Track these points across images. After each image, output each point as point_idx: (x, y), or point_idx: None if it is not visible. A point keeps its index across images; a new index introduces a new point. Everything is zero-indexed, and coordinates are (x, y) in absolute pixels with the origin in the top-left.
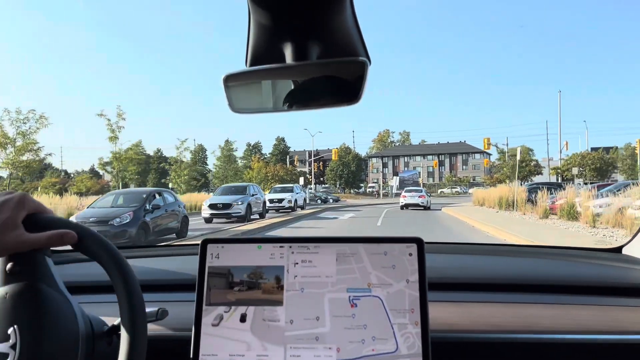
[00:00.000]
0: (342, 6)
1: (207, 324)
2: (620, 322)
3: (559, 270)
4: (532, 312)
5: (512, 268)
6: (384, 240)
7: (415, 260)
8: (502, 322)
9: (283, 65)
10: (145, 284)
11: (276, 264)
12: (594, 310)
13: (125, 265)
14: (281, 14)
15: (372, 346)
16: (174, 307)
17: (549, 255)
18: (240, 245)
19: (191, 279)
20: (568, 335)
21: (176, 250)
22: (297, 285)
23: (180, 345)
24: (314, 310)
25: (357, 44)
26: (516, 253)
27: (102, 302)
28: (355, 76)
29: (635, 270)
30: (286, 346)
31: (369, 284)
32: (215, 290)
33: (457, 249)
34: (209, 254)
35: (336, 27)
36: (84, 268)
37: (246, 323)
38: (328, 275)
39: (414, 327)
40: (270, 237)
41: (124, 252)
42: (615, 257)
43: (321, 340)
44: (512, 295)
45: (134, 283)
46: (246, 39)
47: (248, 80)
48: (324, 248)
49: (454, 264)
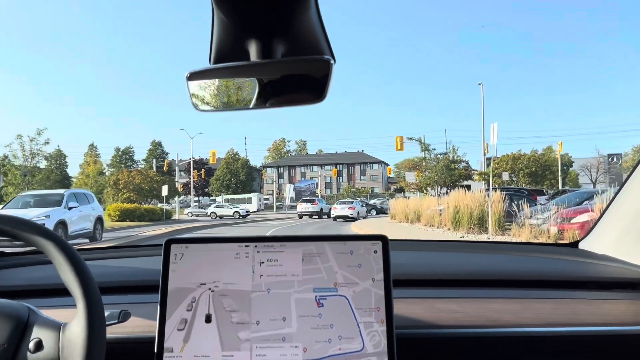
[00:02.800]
0: (307, 5)
1: (171, 324)
2: (578, 315)
3: (520, 266)
4: (495, 306)
5: (475, 264)
6: (349, 238)
7: (380, 258)
8: (466, 317)
9: (247, 63)
10: (106, 286)
11: (242, 264)
12: (554, 304)
13: (79, 261)
14: (245, 11)
15: (338, 345)
16: (137, 308)
17: (510, 250)
18: (205, 245)
19: (155, 280)
20: (530, 329)
21: (139, 251)
22: (264, 285)
23: (143, 347)
24: (280, 310)
25: (322, 42)
26: (479, 249)
27: (60, 306)
28: (320, 75)
29: (590, 264)
30: (252, 346)
31: (335, 283)
32: (180, 291)
33: (421, 245)
34: (172, 254)
35: (301, 25)
36: (40, 271)
37: (212, 324)
38: (294, 274)
39: (379, 325)
40: (235, 237)
41: (83, 254)
42: (572, 252)
43: (288, 340)
44: (475, 290)
45: (90, 281)
46: (210, 36)
47: (212, 77)
48: (289, 247)
49: (418, 261)
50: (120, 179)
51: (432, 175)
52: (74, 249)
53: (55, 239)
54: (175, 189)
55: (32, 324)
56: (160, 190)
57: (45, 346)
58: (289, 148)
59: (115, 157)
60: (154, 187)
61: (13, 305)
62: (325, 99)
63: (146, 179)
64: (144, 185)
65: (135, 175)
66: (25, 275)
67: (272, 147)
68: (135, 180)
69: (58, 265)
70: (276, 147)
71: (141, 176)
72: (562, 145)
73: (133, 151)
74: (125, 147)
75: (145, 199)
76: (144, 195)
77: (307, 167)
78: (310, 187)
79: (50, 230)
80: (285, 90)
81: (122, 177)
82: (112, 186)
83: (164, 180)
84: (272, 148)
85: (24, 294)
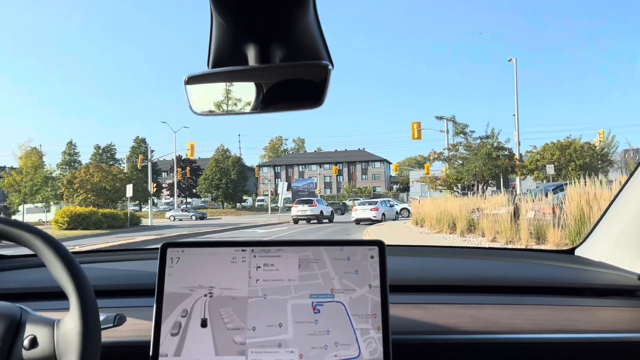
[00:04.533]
0: (305, 10)
1: (166, 329)
2: (573, 322)
3: (516, 272)
4: (490, 312)
5: (470, 270)
6: (346, 243)
7: (377, 263)
8: (461, 323)
9: (246, 68)
10: (102, 290)
11: (238, 268)
12: (549, 310)
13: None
14: (244, 16)
15: (334, 352)
16: (132, 312)
17: (506, 257)
18: (202, 249)
19: (151, 284)
20: (524, 335)
21: (135, 254)
22: (260, 291)
23: (139, 352)
24: (276, 316)
25: (320, 47)
26: (475, 255)
27: (55, 309)
28: (318, 80)
29: (586, 271)
30: (248, 351)
31: (332, 289)
32: (176, 295)
33: (417, 251)
34: (168, 258)
35: (299, 30)
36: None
37: (207, 328)
38: (290, 278)
39: (376, 332)
40: (232, 241)
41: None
42: (569, 259)
43: (284, 346)
44: (470, 296)
45: (85, 285)
46: (208, 40)
47: (210, 82)
48: (286, 252)
49: (414, 267)
50: (76, 177)
51: (471, 166)
52: (63, 245)
53: (43, 236)
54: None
55: (25, 322)
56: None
57: (40, 343)
58: (286, 146)
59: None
60: (117, 186)
61: (5, 305)
62: (323, 104)
63: (107, 177)
64: (105, 185)
65: (94, 171)
66: (19, 278)
67: (268, 145)
68: (94, 179)
69: (48, 262)
70: (273, 146)
71: (101, 173)
72: (603, 134)
73: (115, 149)
74: (106, 145)
75: (109, 201)
76: (107, 196)
77: (306, 166)
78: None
79: (38, 228)
80: (283, 95)
81: (78, 175)
82: (66, 186)
83: (129, 178)
84: (269, 147)
85: (18, 297)
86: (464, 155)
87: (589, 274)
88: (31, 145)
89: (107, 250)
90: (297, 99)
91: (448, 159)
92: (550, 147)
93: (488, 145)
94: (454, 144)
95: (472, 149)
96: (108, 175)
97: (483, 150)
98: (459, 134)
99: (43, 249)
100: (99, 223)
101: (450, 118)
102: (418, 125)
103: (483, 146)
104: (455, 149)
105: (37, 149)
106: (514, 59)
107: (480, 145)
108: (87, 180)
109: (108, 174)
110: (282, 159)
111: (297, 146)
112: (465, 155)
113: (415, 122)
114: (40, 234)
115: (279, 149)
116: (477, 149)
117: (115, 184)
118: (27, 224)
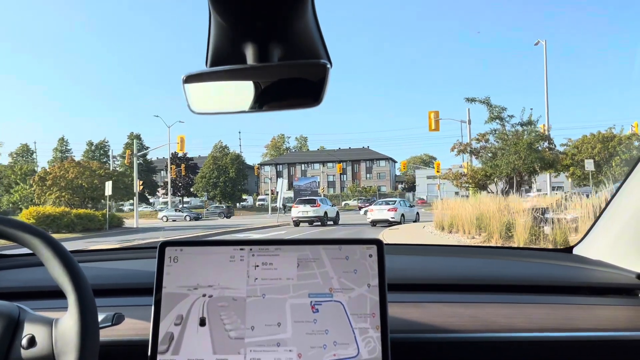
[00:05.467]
0: (303, 9)
1: (165, 328)
2: (571, 320)
3: (514, 271)
4: (489, 311)
5: (469, 269)
6: (344, 242)
7: (375, 262)
8: (460, 322)
9: (244, 67)
10: (100, 288)
11: (236, 267)
12: (547, 309)
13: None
14: (242, 14)
15: (333, 351)
16: (131, 311)
17: (505, 255)
18: (200, 248)
19: (149, 283)
20: (523, 334)
21: (134, 253)
22: (259, 290)
23: (137, 350)
24: (275, 316)
25: (319, 46)
26: (473, 254)
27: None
28: (316, 78)
29: (585, 270)
30: (246, 350)
31: (331, 288)
32: (174, 294)
33: (415, 250)
34: (167, 257)
35: (298, 29)
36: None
37: (205, 327)
38: (289, 277)
39: (375, 331)
40: (230, 240)
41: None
42: (567, 257)
43: (282, 345)
44: (469, 295)
45: (83, 284)
46: (207, 39)
47: (208, 80)
48: (284, 250)
49: (413, 265)
50: (50, 173)
51: (509, 159)
52: (62, 244)
53: (42, 235)
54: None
55: (23, 322)
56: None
57: (38, 342)
58: (288, 145)
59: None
60: (95, 183)
61: (3, 304)
62: (322, 102)
63: (85, 173)
64: (82, 182)
65: (70, 167)
66: (18, 277)
67: (270, 143)
68: (69, 175)
69: (46, 261)
70: (275, 144)
71: (78, 169)
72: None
73: (108, 145)
74: (99, 141)
75: (88, 200)
76: (85, 195)
77: (308, 165)
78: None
79: (36, 227)
80: (282, 94)
81: (52, 171)
82: (37, 183)
83: (110, 174)
84: (271, 145)
85: (16, 296)
86: (499, 146)
87: (587, 273)
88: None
89: (105, 249)
90: (296, 97)
91: (476, 151)
92: (590, 139)
93: (531, 133)
94: (483, 134)
95: (509, 138)
96: (86, 171)
97: (524, 140)
98: (494, 120)
99: (41, 248)
100: (72, 225)
101: (484, 100)
102: (435, 115)
103: (522, 135)
104: (485, 139)
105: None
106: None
107: (519, 133)
108: (62, 177)
109: (86, 170)
110: (284, 158)
111: (299, 144)
112: (502, 146)
113: (433, 112)
114: (38, 233)
115: (281, 147)
116: (516, 137)
117: (93, 181)
118: (25, 223)
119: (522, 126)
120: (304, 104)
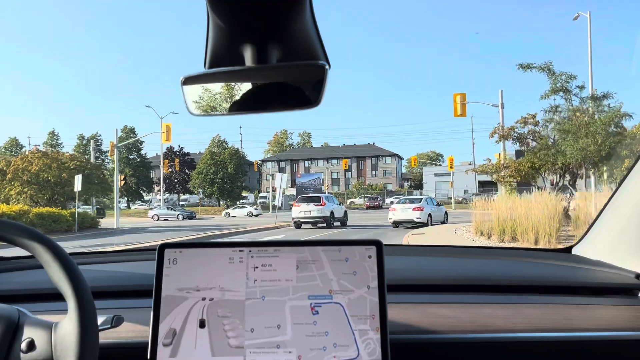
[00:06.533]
0: (301, 10)
1: (164, 330)
2: (570, 320)
3: (513, 271)
4: (488, 312)
5: (468, 269)
6: (344, 243)
7: (375, 263)
8: (459, 323)
9: (243, 68)
10: (100, 291)
11: (236, 269)
12: (546, 309)
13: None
14: (241, 16)
15: (333, 353)
16: (130, 314)
17: (504, 256)
18: (199, 250)
19: (148, 285)
20: (522, 334)
21: (133, 255)
22: (258, 292)
23: (137, 352)
24: (275, 318)
25: (317, 47)
26: (473, 254)
27: (53, 311)
28: (315, 80)
29: (583, 270)
30: (246, 352)
31: (330, 290)
32: (174, 296)
33: (415, 250)
34: (166, 259)
35: (296, 30)
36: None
37: (205, 329)
38: (288, 279)
39: (374, 333)
40: (229, 242)
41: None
42: (566, 258)
43: (282, 347)
44: (468, 295)
45: (83, 287)
46: (205, 41)
47: (207, 82)
48: (284, 252)
49: (412, 266)
50: (10, 165)
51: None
52: (61, 247)
53: (41, 238)
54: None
55: (22, 325)
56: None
57: (37, 346)
58: (291, 141)
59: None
60: (63, 177)
61: (3, 307)
62: (320, 103)
63: (52, 166)
64: (47, 175)
65: (34, 158)
66: (17, 280)
67: (272, 139)
68: (32, 168)
69: (46, 265)
70: (277, 140)
71: (44, 161)
72: None
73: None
74: (91, 135)
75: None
76: (54, 191)
77: (312, 162)
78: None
79: (37, 230)
80: (280, 95)
81: (14, 163)
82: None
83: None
84: (273, 141)
85: (16, 299)
86: (563, 127)
87: (586, 273)
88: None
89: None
90: (294, 99)
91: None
92: None
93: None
94: (532, 114)
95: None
96: (52, 163)
97: (601, 118)
98: (558, 92)
99: (41, 251)
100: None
101: (545, 65)
102: (462, 98)
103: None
104: (535, 122)
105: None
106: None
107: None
108: (24, 170)
109: (53, 162)
110: (287, 154)
111: (303, 140)
112: (568, 127)
113: (459, 94)
114: (38, 236)
115: (284, 144)
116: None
117: (61, 175)
118: (25, 226)
119: (594, 100)
120: (302, 105)
